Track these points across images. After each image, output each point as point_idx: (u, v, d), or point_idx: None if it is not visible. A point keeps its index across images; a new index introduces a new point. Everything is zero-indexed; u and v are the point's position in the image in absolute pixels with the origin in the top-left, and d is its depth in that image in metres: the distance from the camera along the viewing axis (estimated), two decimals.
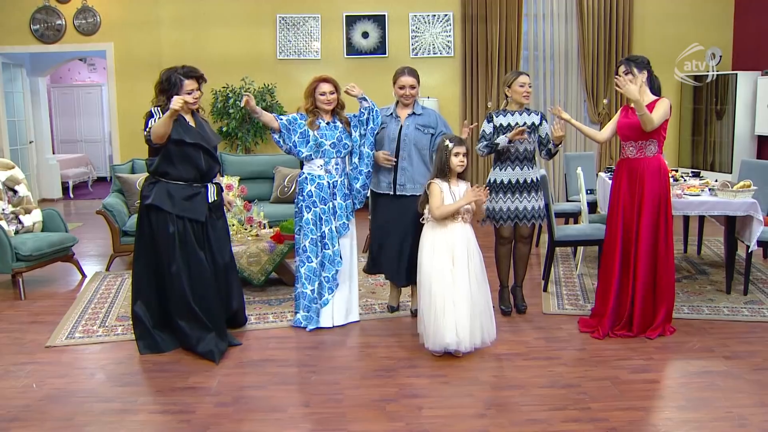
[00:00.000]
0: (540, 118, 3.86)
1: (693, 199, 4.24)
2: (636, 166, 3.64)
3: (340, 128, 3.81)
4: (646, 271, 3.63)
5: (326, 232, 3.76)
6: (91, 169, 10.50)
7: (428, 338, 3.38)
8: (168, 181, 3.41)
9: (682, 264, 5.17)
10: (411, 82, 3.89)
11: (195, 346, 3.43)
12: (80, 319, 4.11)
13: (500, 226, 3.94)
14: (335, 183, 3.78)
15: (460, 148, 3.41)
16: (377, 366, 3.35)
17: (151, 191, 3.41)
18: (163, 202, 3.38)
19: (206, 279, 3.44)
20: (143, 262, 3.49)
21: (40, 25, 7.91)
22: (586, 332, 3.73)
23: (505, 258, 4.02)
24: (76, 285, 4.94)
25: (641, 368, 3.28)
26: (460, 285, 3.31)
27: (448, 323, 3.29)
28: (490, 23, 7.65)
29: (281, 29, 7.86)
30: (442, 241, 3.37)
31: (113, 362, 3.45)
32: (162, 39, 7.86)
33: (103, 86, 10.87)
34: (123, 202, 5.50)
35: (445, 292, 3.30)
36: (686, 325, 3.84)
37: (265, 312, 4.18)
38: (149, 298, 3.52)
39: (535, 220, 3.92)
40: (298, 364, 3.40)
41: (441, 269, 3.32)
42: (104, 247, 5.98)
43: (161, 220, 3.40)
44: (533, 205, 3.90)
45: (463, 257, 3.34)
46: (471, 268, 3.35)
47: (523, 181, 3.87)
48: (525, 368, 3.29)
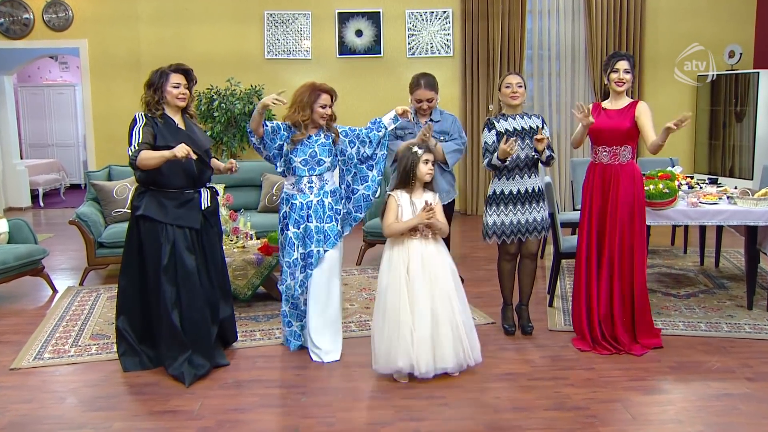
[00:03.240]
0: (542, 122, 3.85)
1: (710, 207, 4.27)
2: (610, 171, 3.73)
3: (320, 143, 3.63)
4: (621, 283, 3.74)
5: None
6: (63, 176, 10.51)
7: (378, 361, 3.34)
8: (158, 189, 3.45)
9: (698, 277, 5.21)
10: (429, 95, 3.92)
11: (167, 367, 3.48)
12: (50, 338, 4.10)
13: (501, 242, 3.90)
14: (309, 204, 3.64)
15: (429, 155, 3.37)
16: (372, 387, 3.36)
17: (141, 201, 3.46)
18: (154, 212, 3.42)
19: (196, 290, 3.46)
20: (130, 275, 3.54)
21: (5, 18, 7.91)
22: (586, 350, 3.77)
23: (509, 274, 4.01)
24: (45, 301, 4.93)
25: (655, 390, 3.30)
26: (420, 304, 3.26)
27: (402, 345, 3.25)
28: (491, 20, 7.73)
29: (269, 27, 7.92)
30: (398, 257, 3.33)
31: (86, 384, 3.45)
32: (140, 36, 7.91)
33: (77, 86, 10.90)
34: (98, 212, 5.51)
35: (400, 311, 3.25)
36: (704, 343, 3.86)
37: (252, 329, 4.19)
38: (133, 313, 3.56)
39: (539, 233, 3.91)
40: (287, 385, 3.41)
41: (397, 287, 3.28)
42: (78, 260, 5.99)
43: (151, 231, 3.44)
44: (536, 216, 3.88)
45: (421, 275, 3.28)
46: (436, 285, 3.30)
47: (525, 191, 3.83)
48: (529, 389, 3.31)
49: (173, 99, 3.48)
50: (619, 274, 3.75)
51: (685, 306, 4.53)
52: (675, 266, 5.58)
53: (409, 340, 3.25)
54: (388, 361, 3.30)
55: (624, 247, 3.73)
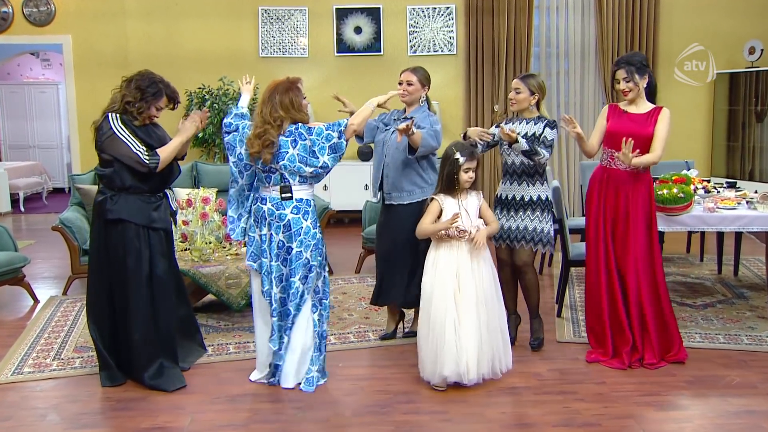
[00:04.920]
0: (543, 127, 3.80)
1: (728, 213, 4.27)
2: (623, 178, 3.72)
3: None
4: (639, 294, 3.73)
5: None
6: (45, 179, 10.52)
7: (425, 369, 3.46)
8: (132, 192, 3.51)
9: (716, 287, 5.23)
10: (409, 77, 3.99)
11: (141, 377, 3.53)
12: (30, 351, 4.10)
13: (496, 246, 4.00)
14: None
15: (471, 163, 3.48)
16: (370, 401, 3.37)
17: (115, 205, 3.49)
18: (135, 216, 3.50)
19: (168, 295, 3.61)
20: (98, 279, 3.58)
21: None
22: (602, 361, 3.78)
23: (506, 283, 3.99)
24: (26, 312, 4.94)
25: (670, 405, 3.31)
26: (466, 309, 3.38)
27: (449, 352, 3.34)
28: (496, 17, 7.75)
29: (264, 23, 7.96)
30: (445, 260, 3.44)
31: (69, 400, 3.45)
32: (128, 32, 7.94)
33: (60, 85, 10.92)
34: (84, 217, 5.53)
35: (446, 316, 3.36)
36: (723, 356, 3.86)
37: (246, 340, 4.20)
38: (102, 319, 3.60)
39: (534, 244, 3.87)
40: (282, 399, 3.41)
41: (443, 292, 3.39)
42: (61, 268, 5.99)
43: (127, 235, 3.49)
44: (535, 225, 3.85)
45: (469, 278, 3.41)
46: (480, 290, 3.43)
47: (521, 199, 3.87)
48: (537, 404, 3.32)
49: (148, 118, 3.56)
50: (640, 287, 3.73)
51: (702, 317, 4.54)
52: (691, 275, 5.60)
53: (455, 349, 3.35)
54: (434, 369, 3.41)
55: (639, 257, 3.72)
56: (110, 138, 3.44)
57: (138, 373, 3.54)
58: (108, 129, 3.45)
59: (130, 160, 3.43)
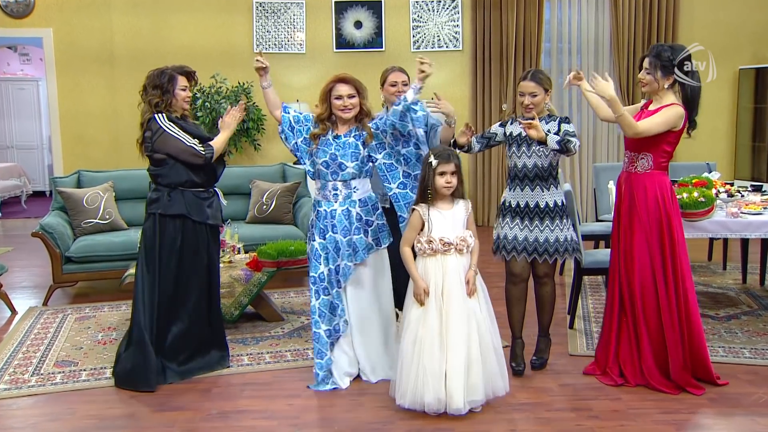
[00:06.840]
0: (557, 124, 3.76)
1: (753, 218, 4.27)
2: (629, 181, 3.70)
3: (346, 143, 3.63)
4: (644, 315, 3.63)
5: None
6: (25, 182, 10.54)
7: (404, 393, 3.31)
8: (186, 189, 3.81)
9: (740, 297, 5.23)
10: (403, 77, 4.09)
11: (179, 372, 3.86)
12: (7, 366, 4.09)
13: (509, 259, 3.78)
14: (333, 213, 3.65)
15: (447, 165, 3.32)
16: (371, 418, 3.37)
17: (172, 201, 3.77)
18: (192, 212, 3.80)
19: (218, 285, 4.03)
20: (154, 277, 3.80)
21: None
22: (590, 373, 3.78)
23: (517, 302, 3.84)
24: (3, 324, 4.93)
25: (691, 425, 3.30)
26: (454, 328, 3.26)
27: (432, 377, 3.23)
28: (505, 10, 7.79)
29: (259, 17, 7.99)
30: (432, 274, 3.34)
31: (48, 419, 3.44)
32: (113, 26, 7.96)
33: (41, 81, 10.96)
34: (66, 223, 5.54)
35: (433, 336, 3.26)
36: (750, 372, 3.85)
37: (240, 353, 4.21)
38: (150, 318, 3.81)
39: (560, 255, 3.75)
40: (278, 417, 3.42)
41: (428, 308, 3.30)
42: (42, 277, 6.00)
43: (184, 229, 3.81)
44: (557, 235, 3.73)
45: (460, 296, 3.30)
46: (471, 307, 3.32)
47: (535, 206, 3.72)
48: (548, 422, 3.31)
49: (182, 102, 3.85)
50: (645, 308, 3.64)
51: (726, 329, 4.54)
52: (713, 284, 5.60)
53: (439, 374, 3.24)
54: (414, 396, 3.29)
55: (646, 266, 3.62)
56: (162, 136, 3.73)
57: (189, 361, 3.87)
58: (158, 128, 3.74)
59: (185, 153, 3.74)
